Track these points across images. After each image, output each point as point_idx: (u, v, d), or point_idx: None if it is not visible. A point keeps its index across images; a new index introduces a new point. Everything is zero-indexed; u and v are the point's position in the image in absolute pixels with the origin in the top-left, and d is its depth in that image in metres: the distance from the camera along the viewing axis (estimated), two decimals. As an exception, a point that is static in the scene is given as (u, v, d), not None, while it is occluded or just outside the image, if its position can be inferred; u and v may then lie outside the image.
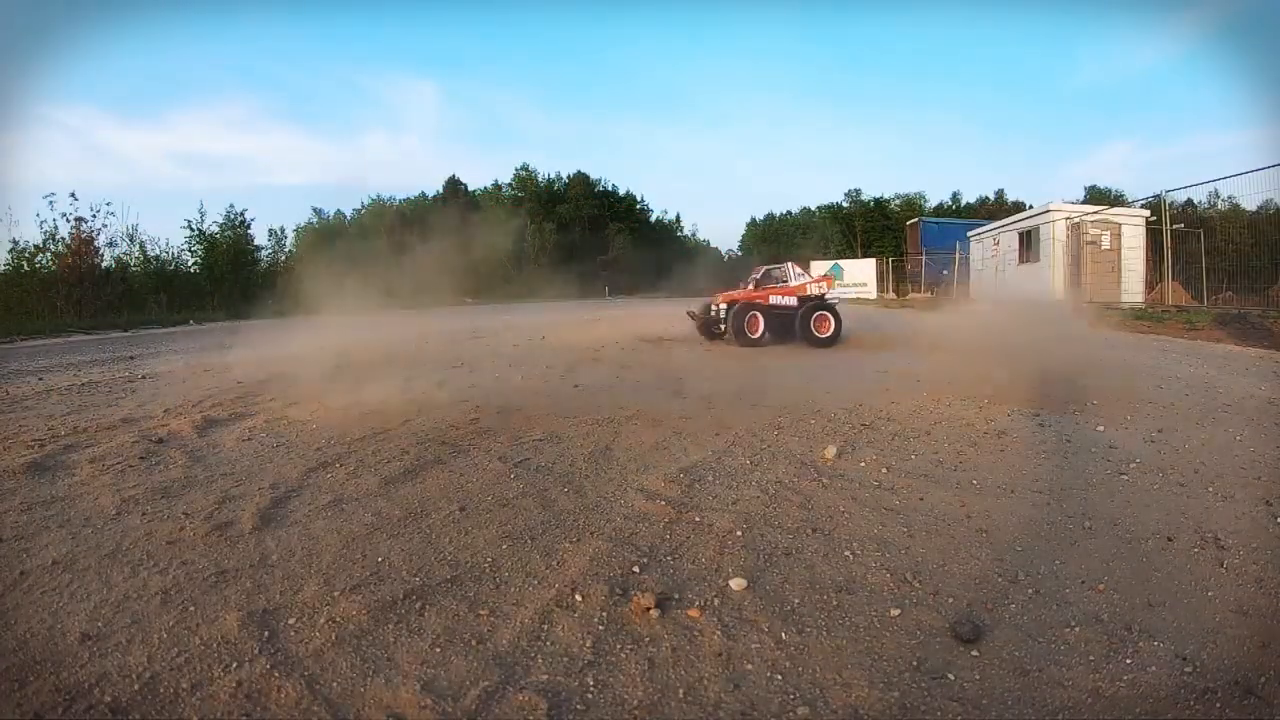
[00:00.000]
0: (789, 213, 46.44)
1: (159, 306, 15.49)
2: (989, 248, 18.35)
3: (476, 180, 41.14)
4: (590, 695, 1.13)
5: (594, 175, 39.11)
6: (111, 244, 16.27)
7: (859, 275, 24.56)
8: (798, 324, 6.46)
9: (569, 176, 38.55)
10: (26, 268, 14.78)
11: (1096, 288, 13.55)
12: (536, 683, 1.16)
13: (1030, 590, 1.49)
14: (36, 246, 14.87)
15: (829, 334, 6.54)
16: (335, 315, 6.43)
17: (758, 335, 6.41)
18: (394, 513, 1.93)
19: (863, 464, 2.40)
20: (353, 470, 2.34)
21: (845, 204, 44.71)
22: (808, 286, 6.89)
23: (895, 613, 1.39)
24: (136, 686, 1.13)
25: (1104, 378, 4.03)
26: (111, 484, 2.21)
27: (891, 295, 23.83)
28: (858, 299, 21.01)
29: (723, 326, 6.59)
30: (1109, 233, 14.09)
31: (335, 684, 1.15)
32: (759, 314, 6.48)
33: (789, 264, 7.13)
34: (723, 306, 6.63)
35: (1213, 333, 7.56)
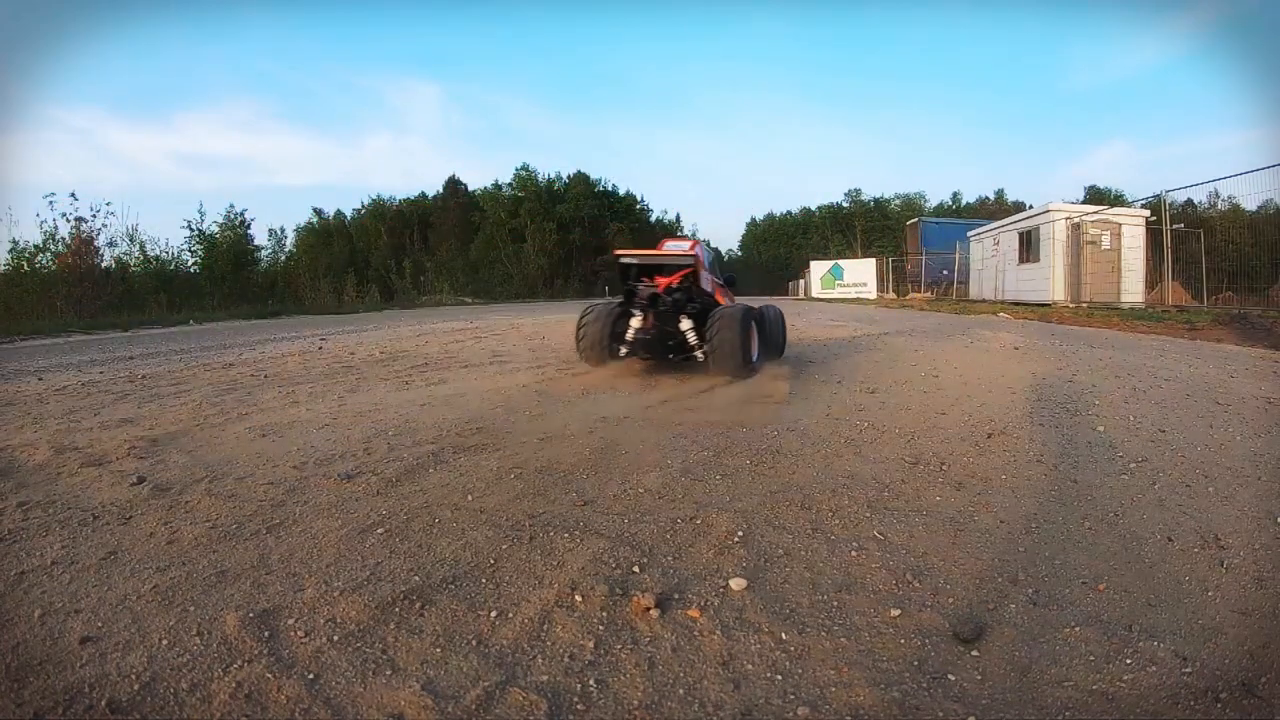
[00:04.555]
0: (789, 213, 46.46)
1: (159, 306, 15.49)
2: (989, 248, 18.36)
3: (477, 180, 41.11)
4: (590, 695, 1.13)
5: (594, 175, 39.03)
6: (111, 244, 16.32)
7: (859, 275, 24.58)
8: None
9: (569, 176, 38.48)
10: (26, 268, 14.79)
11: (1096, 288, 13.56)
12: (536, 683, 1.16)
13: (1031, 590, 1.49)
14: (36, 246, 14.90)
15: None
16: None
17: None
18: (394, 512, 1.93)
19: (863, 463, 2.39)
20: (353, 469, 2.34)
21: (845, 204, 44.69)
22: None
23: (895, 613, 1.39)
24: (136, 687, 1.13)
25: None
26: (111, 484, 2.21)
27: (891, 295, 23.81)
28: (858, 299, 21.00)
29: None
30: (1109, 233, 14.10)
31: (335, 684, 1.15)
32: None
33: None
34: None
35: (1213, 332, 7.56)
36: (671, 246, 4.08)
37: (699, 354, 3.85)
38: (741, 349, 3.71)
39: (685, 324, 3.88)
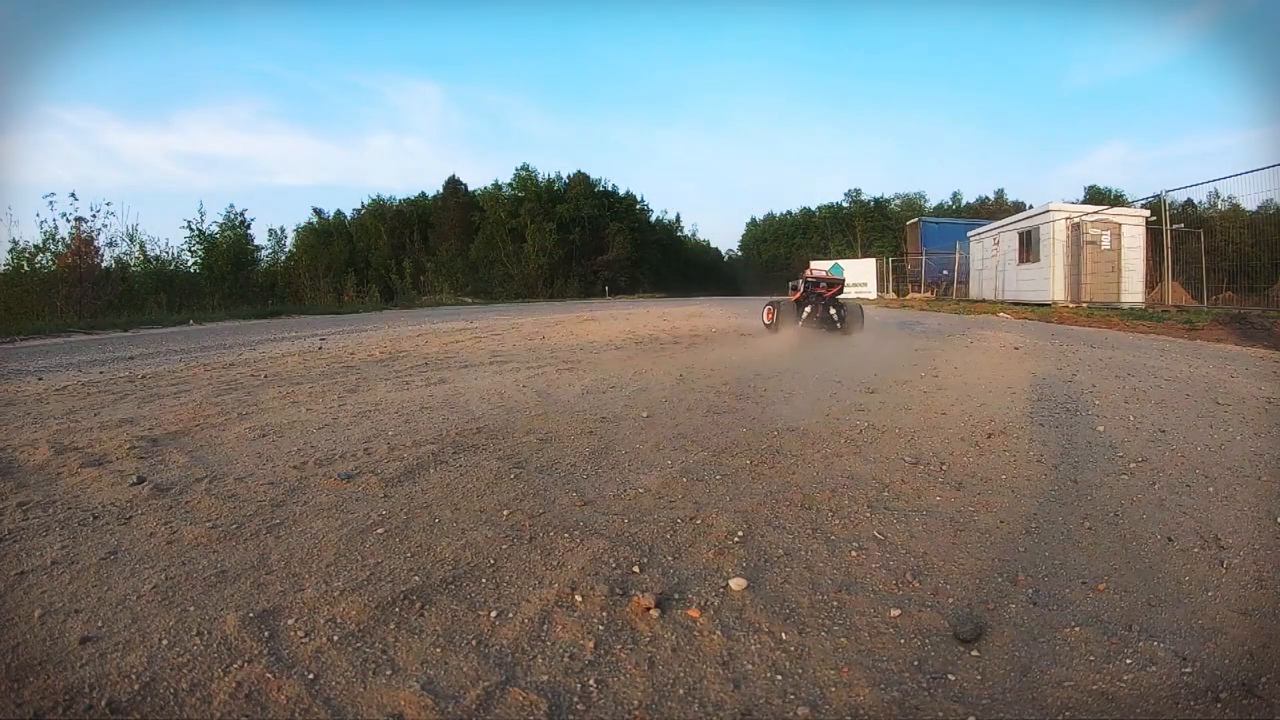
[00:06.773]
0: (789, 213, 46.40)
1: (159, 306, 15.48)
2: (989, 248, 18.36)
3: (477, 180, 41.03)
4: (590, 695, 1.13)
5: (594, 175, 38.94)
6: (111, 244, 16.29)
7: (859, 275, 24.57)
8: None
9: (569, 176, 38.42)
10: (26, 268, 14.78)
11: (1096, 288, 13.56)
12: (536, 683, 1.16)
13: (1031, 590, 1.49)
14: (36, 246, 14.89)
15: None
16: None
17: None
18: (394, 513, 1.93)
19: (863, 463, 2.39)
20: (353, 470, 2.34)
21: (845, 204, 44.65)
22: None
23: (895, 613, 1.39)
24: (136, 687, 1.13)
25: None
26: (111, 484, 2.21)
27: (891, 295, 23.84)
28: (858, 299, 21.02)
29: None
30: (1109, 233, 14.10)
31: (335, 684, 1.15)
32: None
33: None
34: None
35: (1213, 332, 7.56)
36: (815, 267, 7.63)
37: (839, 324, 7.11)
38: (862, 321, 7.28)
39: (834, 311, 7.11)
